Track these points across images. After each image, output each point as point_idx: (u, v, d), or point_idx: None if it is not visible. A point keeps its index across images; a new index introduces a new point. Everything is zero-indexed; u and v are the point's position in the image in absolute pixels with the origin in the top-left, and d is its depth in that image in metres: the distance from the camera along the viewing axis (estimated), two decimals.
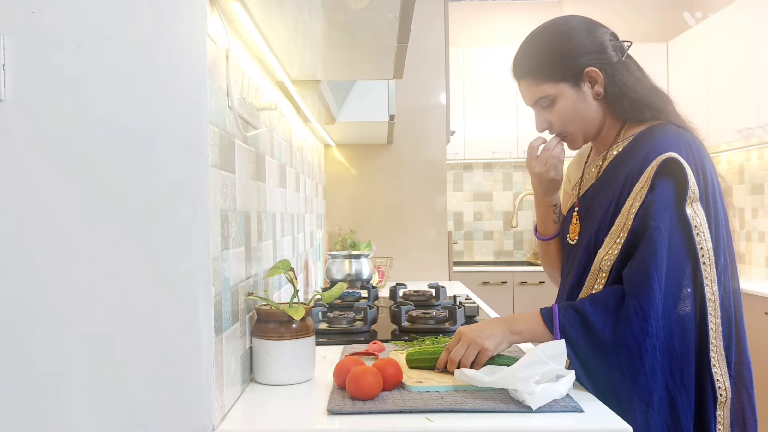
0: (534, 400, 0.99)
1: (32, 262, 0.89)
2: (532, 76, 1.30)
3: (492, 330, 1.20)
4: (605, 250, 1.19)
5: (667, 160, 1.14)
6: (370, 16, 1.14)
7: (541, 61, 1.28)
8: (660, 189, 1.15)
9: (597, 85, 1.27)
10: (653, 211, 1.13)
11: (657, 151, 1.17)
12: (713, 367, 1.13)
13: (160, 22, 0.90)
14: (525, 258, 5.00)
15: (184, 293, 0.90)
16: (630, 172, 1.20)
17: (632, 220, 1.16)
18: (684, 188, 1.13)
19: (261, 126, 1.37)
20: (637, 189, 1.17)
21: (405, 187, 3.15)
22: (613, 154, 1.29)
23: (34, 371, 0.90)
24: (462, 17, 4.92)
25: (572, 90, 1.27)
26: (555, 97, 1.28)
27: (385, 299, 2.30)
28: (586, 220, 1.30)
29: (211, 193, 0.94)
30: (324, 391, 1.12)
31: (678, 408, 1.11)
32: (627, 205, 1.18)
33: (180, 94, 0.90)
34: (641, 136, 1.25)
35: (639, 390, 1.10)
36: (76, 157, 0.89)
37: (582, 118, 1.29)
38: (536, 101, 1.31)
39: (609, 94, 1.27)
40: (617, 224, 1.18)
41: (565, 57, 1.26)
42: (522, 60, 1.32)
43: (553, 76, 1.27)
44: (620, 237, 1.17)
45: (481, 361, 1.17)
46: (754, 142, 3.68)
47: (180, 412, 0.90)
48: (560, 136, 1.34)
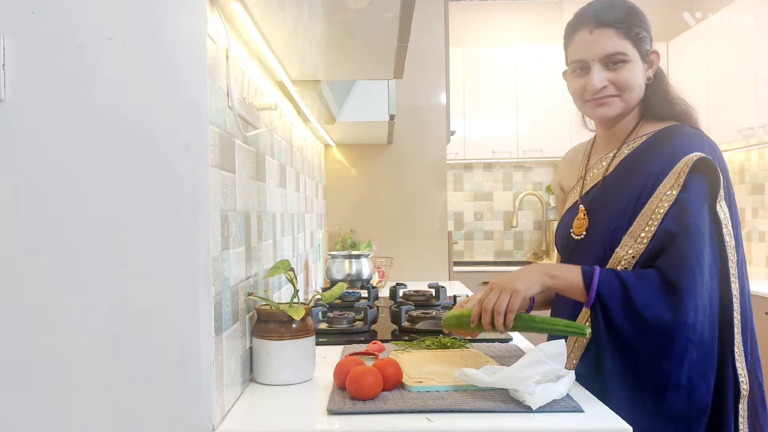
0: (534, 400, 0.99)
1: (32, 262, 0.89)
2: (619, 29, 1.24)
3: (524, 272, 1.18)
4: (624, 249, 1.20)
5: (700, 159, 1.16)
6: (370, 16, 1.14)
7: (632, 21, 1.25)
8: (694, 187, 1.16)
9: (651, 69, 1.29)
10: (690, 208, 1.14)
11: (682, 151, 1.19)
12: (737, 362, 1.15)
13: (160, 22, 0.90)
14: (525, 258, 5.00)
15: (184, 293, 0.90)
16: (651, 173, 1.21)
17: (660, 220, 1.16)
18: (716, 187, 1.16)
19: (261, 126, 1.36)
20: (663, 190, 1.18)
21: (405, 187, 3.15)
22: (625, 152, 1.29)
23: (34, 371, 0.90)
24: (462, 17, 4.92)
25: (641, 62, 1.27)
26: (630, 59, 1.25)
27: (385, 299, 2.30)
28: (595, 216, 1.30)
29: (211, 193, 0.94)
30: (324, 391, 1.12)
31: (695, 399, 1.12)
32: (651, 205, 1.18)
33: (180, 94, 0.90)
34: (657, 137, 1.26)
35: (659, 373, 1.11)
36: (75, 157, 0.89)
37: (639, 90, 1.29)
38: (611, 54, 1.24)
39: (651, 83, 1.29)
40: (638, 223, 1.19)
41: (645, 29, 1.27)
42: (611, 9, 1.27)
43: (635, 40, 1.25)
44: (642, 237, 1.18)
45: (513, 305, 1.14)
46: (755, 142, 3.68)
47: (180, 412, 0.90)
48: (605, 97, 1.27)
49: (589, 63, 1.26)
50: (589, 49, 1.26)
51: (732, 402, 1.15)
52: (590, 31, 1.25)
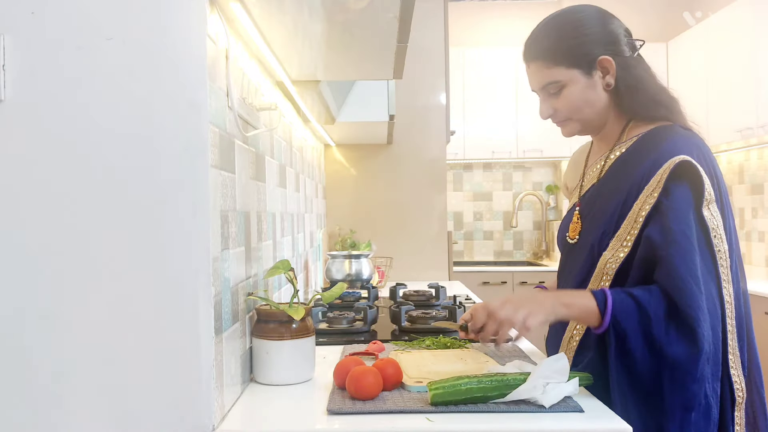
0: (547, 398, 0.99)
1: (32, 263, 0.89)
2: (544, 59, 1.27)
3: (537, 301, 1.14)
4: (610, 252, 1.18)
5: (681, 163, 1.13)
6: (370, 16, 1.14)
7: (556, 45, 1.26)
8: (677, 192, 1.13)
9: (608, 75, 1.25)
10: (672, 215, 1.11)
11: (667, 154, 1.16)
12: (731, 368, 1.12)
13: (160, 22, 0.90)
14: (525, 258, 5.00)
15: (184, 293, 0.90)
16: (637, 176, 1.18)
17: (641, 222, 1.14)
18: (700, 191, 1.12)
19: (261, 126, 1.36)
20: (646, 192, 1.15)
21: (405, 187, 3.16)
22: (616, 154, 1.28)
23: (35, 372, 0.90)
24: (462, 17, 4.93)
25: (583, 77, 1.25)
26: (565, 83, 1.26)
27: (385, 299, 2.30)
28: (587, 220, 1.29)
29: (211, 193, 0.94)
30: (324, 391, 1.12)
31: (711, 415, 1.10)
32: (635, 208, 1.16)
33: (180, 95, 0.90)
34: (646, 138, 1.24)
35: (686, 394, 1.08)
36: (75, 158, 0.89)
37: (590, 106, 1.27)
38: (545, 86, 1.28)
39: (620, 87, 1.26)
40: (624, 227, 1.17)
41: (580, 43, 1.25)
42: (535, 42, 1.29)
43: (565, 61, 1.25)
44: (627, 240, 1.16)
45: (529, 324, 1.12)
46: (754, 142, 3.69)
47: (180, 412, 0.90)
48: (559, 122, 1.32)
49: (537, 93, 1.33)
50: (530, 82, 1.33)
51: (729, 410, 1.12)
52: (527, 65, 1.32)
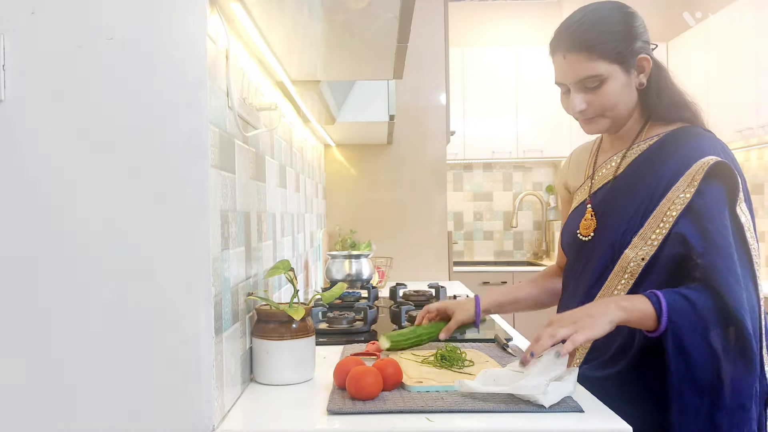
0: (547, 398, 0.99)
1: (32, 262, 0.89)
2: (588, 51, 1.20)
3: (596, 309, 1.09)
4: (633, 251, 1.18)
5: (716, 164, 1.13)
6: (370, 16, 1.14)
7: (602, 38, 1.20)
8: (711, 192, 1.13)
9: (643, 74, 1.24)
10: (709, 214, 1.11)
11: (695, 154, 1.16)
12: (766, 365, 1.13)
13: (160, 22, 0.90)
14: (525, 258, 4.99)
15: (184, 293, 0.90)
16: (663, 175, 1.18)
17: (671, 223, 1.14)
18: (735, 190, 1.13)
19: (261, 126, 1.37)
20: (676, 192, 1.15)
21: (405, 187, 3.16)
22: (636, 153, 1.27)
23: (35, 372, 0.90)
24: (462, 17, 4.92)
25: (623, 74, 1.22)
26: (606, 78, 1.21)
27: (385, 299, 2.30)
28: (604, 217, 1.28)
29: (211, 193, 0.94)
30: (324, 391, 1.12)
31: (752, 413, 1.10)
32: (662, 208, 1.16)
33: (180, 94, 0.90)
34: (670, 137, 1.24)
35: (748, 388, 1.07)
36: (75, 158, 0.89)
37: (624, 104, 1.25)
38: (583, 79, 1.22)
39: (651, 87, 1.25)
40: (649, 225, 1.17)
41: (627, 38, 1.21)
42: (578, 31, 1.22)
43: (609, 55, 1.20)
44: (653, 239, 1.16)
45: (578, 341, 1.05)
46: (754, 142, 3.68)
47: (180, 412, 0.90)
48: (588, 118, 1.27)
49: (569, 86, 1.26)
50: (564, 74, 1.25)
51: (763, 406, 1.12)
52: (563, 56, 1.24)
